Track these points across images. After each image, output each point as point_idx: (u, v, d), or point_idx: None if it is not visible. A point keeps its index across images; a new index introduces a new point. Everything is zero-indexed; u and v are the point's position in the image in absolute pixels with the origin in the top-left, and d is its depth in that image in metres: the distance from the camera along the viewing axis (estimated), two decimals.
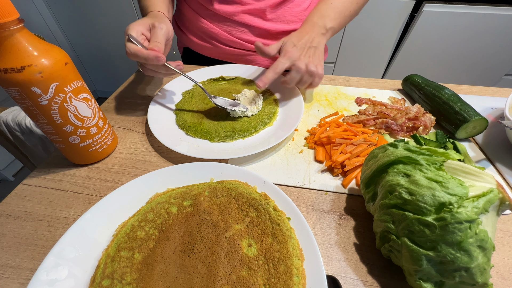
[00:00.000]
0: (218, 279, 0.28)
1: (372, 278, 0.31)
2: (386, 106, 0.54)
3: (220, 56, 0.72)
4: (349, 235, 0.35)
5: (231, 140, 0.48)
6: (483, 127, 0.46)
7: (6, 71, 0.31)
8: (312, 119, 0.54)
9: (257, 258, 0.29)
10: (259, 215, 0.33)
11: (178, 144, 0.46)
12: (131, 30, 0.46)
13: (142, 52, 0.44)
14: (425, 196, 0.25)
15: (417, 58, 1.50)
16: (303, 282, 0.27)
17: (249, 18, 0.64)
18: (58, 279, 0.28)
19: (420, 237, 0.25)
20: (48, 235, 0.35)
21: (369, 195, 0.34)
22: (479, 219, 0.23)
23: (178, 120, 0.52)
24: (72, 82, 0.37)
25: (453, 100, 0.49)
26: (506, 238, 0.34)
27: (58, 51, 0.35)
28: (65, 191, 0.41)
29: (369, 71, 1.64)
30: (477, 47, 1.40)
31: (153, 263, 0.29)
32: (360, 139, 0.45)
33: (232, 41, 0.67)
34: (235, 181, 0.37)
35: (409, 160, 0.29)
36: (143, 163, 0.45)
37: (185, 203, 0.35)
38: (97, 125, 0.42)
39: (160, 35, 0.48)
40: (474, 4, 1.26)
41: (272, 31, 0.66)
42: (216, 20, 0.65)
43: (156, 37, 0.47)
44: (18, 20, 0.31)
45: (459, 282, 0.24)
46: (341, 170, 0.42)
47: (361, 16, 1.41)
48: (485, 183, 0.26)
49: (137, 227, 0.33)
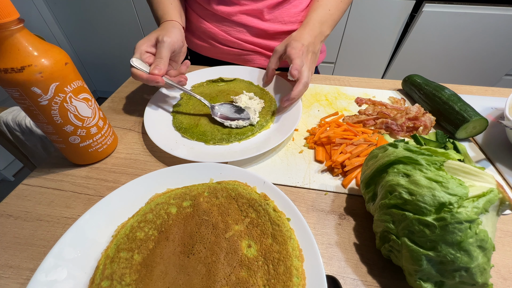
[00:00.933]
0: (218, 280, 0.28)
1: (372, 278, 0.31)
2: (386, 106, 0.54)
3: (218, 56, 0.72)
4: (349, 235, 0.35)
5: (227, 143, 0.48)
6: (483, 127, 0.45)
7: (6, 71, 0.31)
8: (312, 119, 0.54)
9: (256, 259, 0.29)
10: (258, 216, 0.33)
11: (173, 146, 0.45)
12: (136, 52, 0.49)
13: (142, 76, 0.47)
14: (425, 196, 0.25)
15: (417, 58, 1.50)
16: (303, 282, 0.27)
17: (246, 19, 0.64)
18: (57, 280, 0.28)
19: (420, 237, 0.25)
20: (48, 235, 0.35)
21: (369, 195, 0.34)
22: (479, 219, 0.23)
23: (174, 121, 0.52)
24: (72, 82, 0.37)
25: (453, 100, 0.48)
26: (506, 238, 0.34)
27: (58, 51, 0.35)
28: (65, 191, 0.41)
29: (369, 71, 1.64)
30: (477, 47, 1.40)
31: (153, 264, 0.29)
32: (360, 139, 0.45)
33: (230, 40, 0.67)
34: (234, 181, 0.37)
35: (409, 160, 0.29)
36: (143, 163, 0.45)
37: (185, 203, 0.35)
38: (97, 125, 0.42)
39: (163, 51, 0.50)
40: (474, 4, 1.26)
41: (270, 31, 0.66)
42: (214, 20, 0.66)
43: (160, 53, 0.50)
44: (18, 20, 0.31)
45: (459, 282, 0.24)
46: (341, 170, 0.42)
47: (361, 16, 1.42)
48: (485, 183, 0.26)
49: (137, 227, 0.33)
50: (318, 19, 0.57)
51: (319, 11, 0.58)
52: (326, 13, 0.58)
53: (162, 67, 0.48)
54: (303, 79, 0.50)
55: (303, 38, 0.54)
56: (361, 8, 1.37)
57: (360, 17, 1.41)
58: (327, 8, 0.58)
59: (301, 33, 0.55)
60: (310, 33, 0.55)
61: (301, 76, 0.50)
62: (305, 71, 0.50)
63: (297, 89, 0.50)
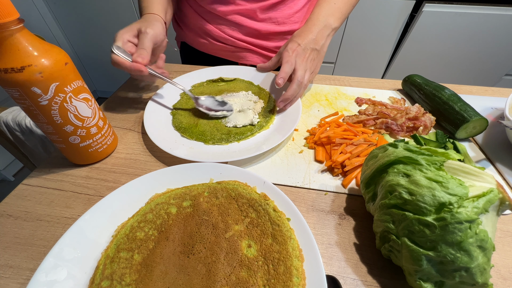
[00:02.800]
0: (218, 280, 0.28)
1: (372, 278, 0.31)
2: (386, 106, 0.54)
3: (213, 52, 0.74)
4: (349, 235, 0.35)
5: (226, 143, 0.48)
6: (483, 127, 0.45)
7: (6, 71, 0.31)
8: (312, 119, 0.54)
9: (256, 259, 0.29)
10: (258, 216, 0.33)
11: (172, 145, 0.45)
12: (117, 39, 0.48)
13: (125, 64, 0.46)
14: (425, 196, 0.25)
15: (417, 58, 1.50)
16: (303, 283, 0.27)
17: (240, 18, 0.65)
18: (57, 280, 0.28)
19: (420, 237, 0.25)
20: (48, 235, 0.35)
21: (369, 195, 0.34)
22: (479, 219, 0.23)
23: (174, 121, 0.52)
24: (72, 82, 0.36)
25: (453, 100, 0.48)
26: (506, 238, 0.34)
27: (58, 51, 0.35)
28: (65, 191, 0.41)
29: (369, 71, 1.64)
30: (477, 47, 1.40)
31: (153, 264, 0.29)
32: (360, 139, 0.45)
33: (224, 38, 0.68)
34: (234, 181, 0.37)
35: (409, 160, 0.29)
36: (143, 163, 0.45)
37: (185, 203, 0.35)
38: (97, 125, 0.42)
39: (146, 41, 0.49)
40: (474, 4, 1.26)
41: (263, 31, 0.67)
42: (210, 17, 0.67)
43: (142, 44, 0.49)
44: (18, 20, 0.31)
45: (459, 282, 0.24)
46: (341, 170, 0.42)
47: (361, 16, 1.42)
48: (485, 183, 0.26)
49: (137, 227, 0.33)
50: (322, 13, 0.56)
51: (323, 6, 0.57)
52: (331, 6, 0.57)
53: (145, 56, 0.47)
54: (296, 79, 0.50)
55: (301, 36, 0.54)
56: (361, 8, 1.37)
57: (360, 17, 1.41)
58: (333, 2, 0.57)
59: (301, 31, 0.55)
60: (312, 28, 0.55)
61: (295, 76, 0.50)
62: (299, 70, 0.50)
63: (291, 89, 0.50)
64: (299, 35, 0.55)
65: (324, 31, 0.55)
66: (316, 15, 0.56)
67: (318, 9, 0.58)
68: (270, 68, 0.60)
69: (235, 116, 0.52)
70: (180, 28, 0.76)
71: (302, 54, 0.53)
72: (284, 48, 0.55)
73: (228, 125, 0.51)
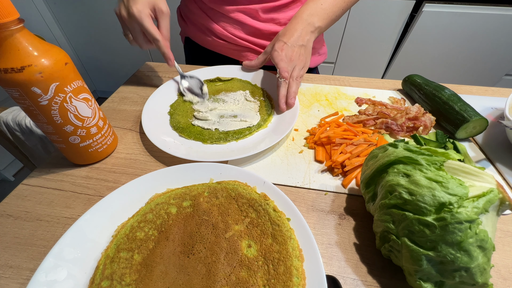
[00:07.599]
0: (218, 280, 0.28)
1: (372, 278, 0.31)
2: (386, 106, 0.54)
3: (216, 49, 0.74)
4: (349, 235, 0.35)
5: (224, 142, 0.48)
6: (483, 127, 0.45)
7: (6, 71, 0.31)
8: (312, 119, 0.54)
9: (256, 259, 0.29)
10: (258, 216, 0.33)
11: (171, 145, 0.45)
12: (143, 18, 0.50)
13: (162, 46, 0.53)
14: (425, 196, 0.25)
15: (417, 58, 1.50)
16: (302, 283, 0.27)
17: (243, 17, 0.66)
18: (57, 280, 0.28)
19: (420, 237, 0.25)
20: (48, 235, 0.35)
21: (369, 195, 0.34)
22: (479, 219, 0.23)
23: (172, 121, 0.52)
24: (72, 82, 0.36)
25: (453, 100, 0.48)
26: (506, 238, 0.34)
27: (58, 51, 0.35)
28: (65, 191, 0.41)
29: (369, 71, 1.64)
30: (477, 47, 1.40)
31: (153, 264, 0.29)
32: (360, 139, 0.45)
33: (226, 36, 0.68)
34: (234, 181, 0.37)
35: (409, 160, 0.29)
36: (143, 163, 0.45)
37: (185, 203, 0.35)
38: (97, 125, 0.42)
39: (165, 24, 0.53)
40: (474, 4, 1.26)
41: (265, 31, 0.67)
42: (213, 15, 0.68)
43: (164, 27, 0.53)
44: (18, 20, 0.31)
45: (459, 282, 0.24)
46: (341, 170, 0.42)
47: (361, 16, 1.42)
48: (485, 183, 0.26)
49: (137, 227, 0.33)
50: (306, 12, 0.57)
51: (309, 5, 0.58)
52: (317, 6, 0.58)
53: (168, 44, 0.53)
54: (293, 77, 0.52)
55: (287, 35, 0.55)
56: (361, 8, 1.37)
57: (360, 17, 1.41)
58: (319, 3, 0.58)
59: (286, 30, 0.57)
60: (296, 27, 0.56)
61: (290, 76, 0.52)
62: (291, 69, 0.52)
63: (291, 89, 0.51)
64: (284, 34, 0.56)
65: (307, 28, 0.56)
66: (300, 13, 0.58)
67: (303, 7, 0.58)
68: (256, 66, 0.62)
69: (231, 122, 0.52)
70: (185, 23, 0.77)
71: (290, 51, 0.54)
72: (271, 47, 0.57)
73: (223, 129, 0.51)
